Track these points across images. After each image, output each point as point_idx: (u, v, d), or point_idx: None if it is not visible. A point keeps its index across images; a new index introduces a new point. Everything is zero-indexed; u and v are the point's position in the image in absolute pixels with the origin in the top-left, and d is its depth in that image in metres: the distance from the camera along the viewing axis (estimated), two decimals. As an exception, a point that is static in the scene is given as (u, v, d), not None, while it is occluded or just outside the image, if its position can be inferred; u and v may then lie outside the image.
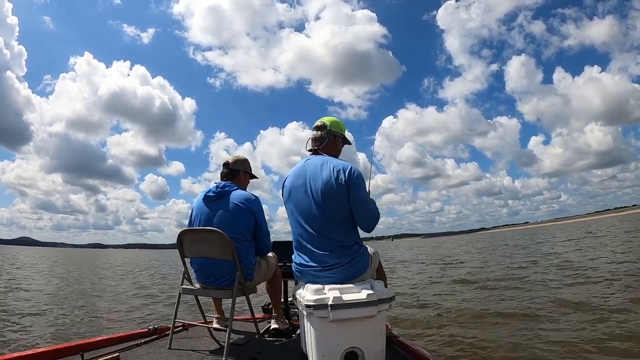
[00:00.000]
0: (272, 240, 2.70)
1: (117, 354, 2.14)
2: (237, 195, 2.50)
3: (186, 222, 2.67)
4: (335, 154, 2.32)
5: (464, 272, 10.16)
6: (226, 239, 2.27)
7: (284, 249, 2.99)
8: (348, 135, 2.44)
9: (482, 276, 9.02)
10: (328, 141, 2.29)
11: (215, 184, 2.60)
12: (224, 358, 2.10)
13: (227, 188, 2.52)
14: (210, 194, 2.52)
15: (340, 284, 1.95)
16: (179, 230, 2.53)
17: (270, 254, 2.76)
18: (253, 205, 2.50)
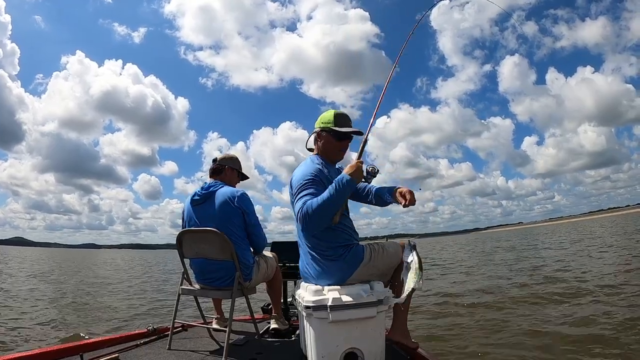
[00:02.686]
0: (273, 241, 2.68)
1: (117, 354, 2.14)
2: (221, 193, 2.46)
3: (180, 222, 2.63)
4: (325, 151, 2.18)
5: (451, 279, 9.81)
6: (225, 239, 2.28)
7: (283, 249, 3.00)
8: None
9: (469, 281, 8.87)
10: (314, 140, 2.22)
11: (201, 185, 2.57)
12: (223, 358, 2.11)
13: (211, 188, 2.49)
14: (196, 197, 2.49)
15: (335, 284, 1.94)
16: (173, 231, 2.52)
17: (270, 254, 2.75)
18: (239, 201, 2.44)
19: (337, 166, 2.26)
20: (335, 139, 2.14)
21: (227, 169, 2.69)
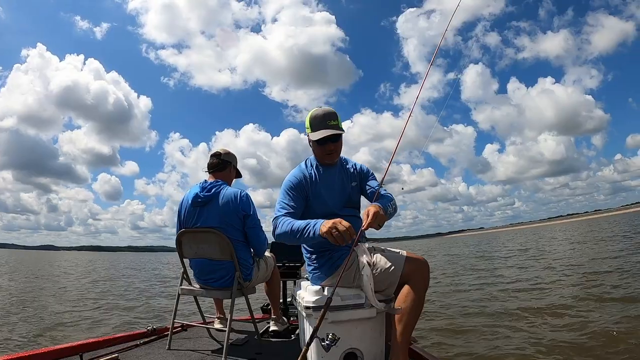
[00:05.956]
0: (272, 241, 2.71)
1: (116, 354, 2.16)
2: (227, 195, 2.44)
3: (141, 223, 2.57)
4: (314, 155, 2.09)
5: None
6: (225, 240, 2.31)
7: (282, 250, 3.02)
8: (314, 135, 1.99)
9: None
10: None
11: (200, 184, 2.52)
12: (223, 358, 2.14)
13: (214, 190, 2.45)
14: (199, 199, 2.43)
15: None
16: (134, 233, 2.50)
17: (268, 255, 2.76)
18: (244, 204, 2.45)
19: (350, 163, 2.18)
20: (316, 144, 1.98)
21: (231, 167, 2.68)
